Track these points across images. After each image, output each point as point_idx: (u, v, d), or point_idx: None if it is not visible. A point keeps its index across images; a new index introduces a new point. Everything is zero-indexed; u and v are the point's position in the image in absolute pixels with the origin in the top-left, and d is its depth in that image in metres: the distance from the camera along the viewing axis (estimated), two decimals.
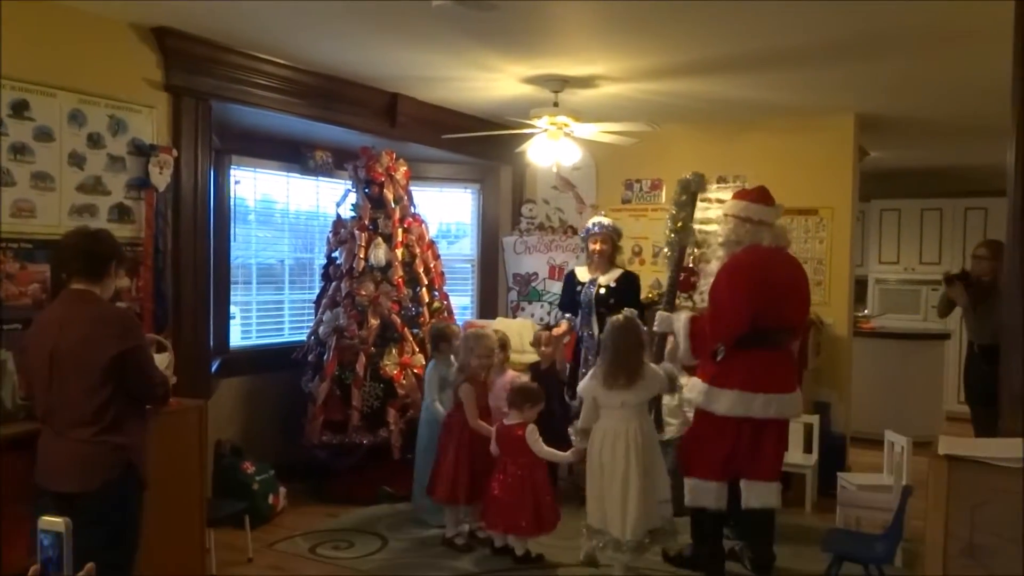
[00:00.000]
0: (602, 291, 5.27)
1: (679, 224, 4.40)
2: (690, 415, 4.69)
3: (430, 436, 4.77)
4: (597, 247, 5.35)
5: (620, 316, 4.13)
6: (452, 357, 4.80)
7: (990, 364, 5.23)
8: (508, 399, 4.39)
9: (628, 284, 5.34)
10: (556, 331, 5.34)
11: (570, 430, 4.25)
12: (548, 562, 4.30)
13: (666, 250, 4.58)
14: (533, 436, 4.21)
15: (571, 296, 5.44)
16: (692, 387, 4.20)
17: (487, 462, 4.36)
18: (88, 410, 2.81)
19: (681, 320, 4.18)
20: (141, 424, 2.98)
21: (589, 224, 5.51)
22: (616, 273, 5.36)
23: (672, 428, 4.83)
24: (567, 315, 5.39)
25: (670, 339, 4.35)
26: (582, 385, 4.15)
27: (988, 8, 3.38)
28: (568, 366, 5.38)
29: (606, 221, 5.47)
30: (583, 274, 5.44)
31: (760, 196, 4.30)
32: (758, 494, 4.07)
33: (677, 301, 4.63)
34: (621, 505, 3.86)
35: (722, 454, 4.10)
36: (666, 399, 4.77)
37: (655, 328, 4.27)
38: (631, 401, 3.94)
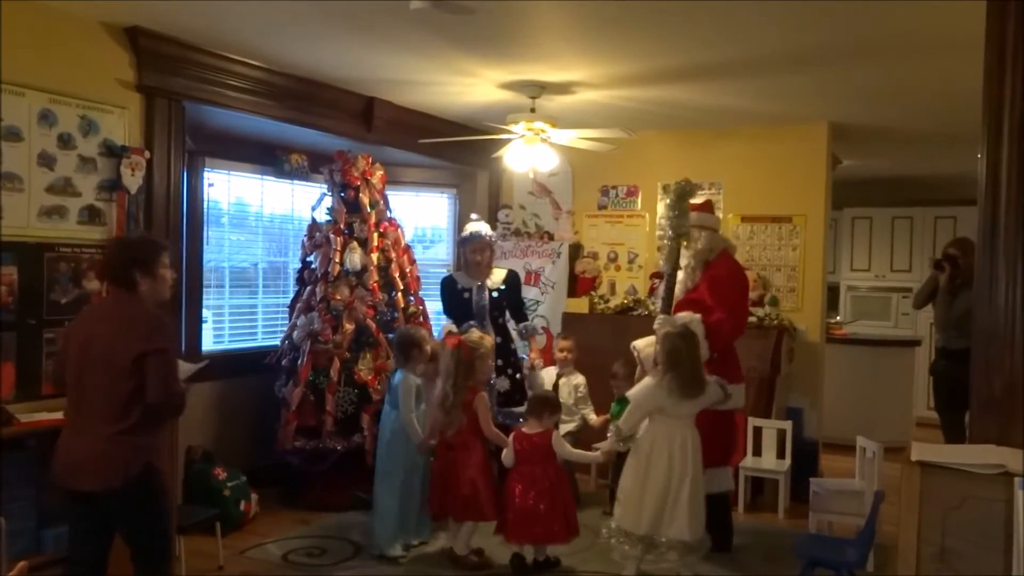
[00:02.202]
0: (494, 295, 5.13)
1: (683, 231, 4.47)
2: (586, 411, 5.29)
3: (403, 454, 4.39)
4: (483, 257, 5.11)
5: (679, 326, 4.02)
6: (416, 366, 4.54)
7: (954, 364, 5.32)
8: (528, 408, 4.31)
9: (516, 283, 5.29)
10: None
11: (609, 433, 4.17)
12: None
13: (661, 258, 4.69)
14: (560, 441, 4.20)
15: (458, 303, 5.12)
16: None
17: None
18: (111, 407, 2.83)
19: (697, 322, 4.23)
20: (160, 429, 3.01)
21: (476, 231, 5.17)
22: (501, 274, 5.23)
23: (569, 425, 5.17)
24: (472, 323, 4.95)
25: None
26: (641, 393, 3.98)
27: (960, 19, 3.43)
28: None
29: (485, 229, 5.22)
30: (463, 280, 5.17)
31: (713, 207, 4.80)
32: (721, 479, 4.45)
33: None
34: (690, 507, 3.84)
35: None
36: (562, 398, 5.14)
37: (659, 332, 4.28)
38: (693, 410, 3.94)
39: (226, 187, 5.50)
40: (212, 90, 4.55)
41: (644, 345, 4.75)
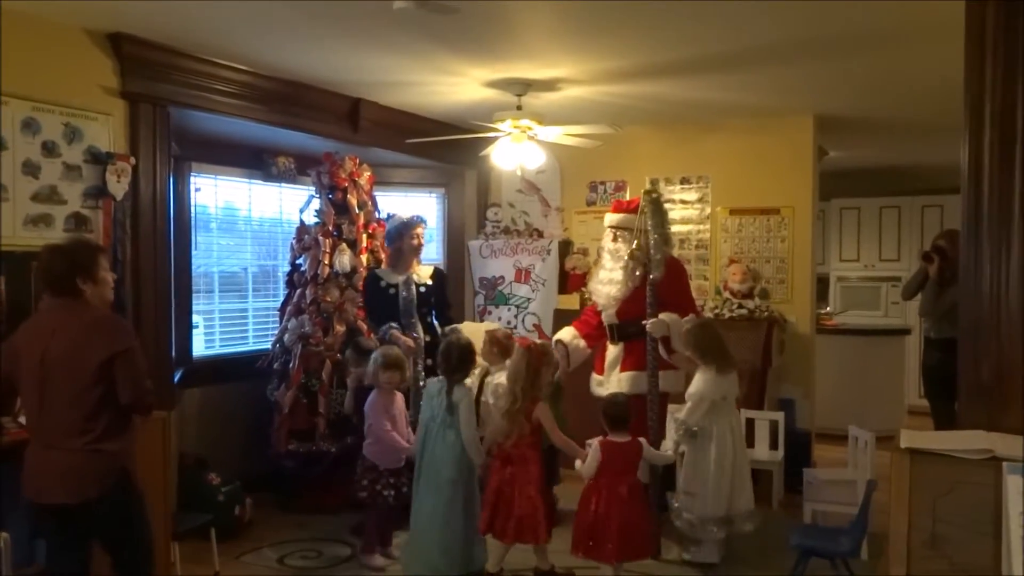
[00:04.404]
0: (422, 290, 4.92)
1: (667, 234, 4.57)
2: None
3: (465, 471, 4.00)
4: (421, 240, 4.98)
5: (692, 319, 4.32)
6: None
7: (945, 354, 5.35)
8: (612, 417, 3.91)
9: (443, 281, 5.12)
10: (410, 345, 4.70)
11: (675, 431, 4.20)
12: None
13: (631, 262, 4.65)
14: (650, 448, 4.03)
15: (382, 301, 4.85)
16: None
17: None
18: (79, 418, 2.80)
19: (679, 322, 4.43)
20: (130, 431, 2.97)
21: (412, 216, 5.02)
22: (428, 269, 5.05)
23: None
24: (392, 325, 4.75)
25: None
26: (707, 387, 4.14)
27: (942, 8, 3.45)
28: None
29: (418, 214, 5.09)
30: (389, 275, 4.92)
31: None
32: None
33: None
34: (749, 479, 4.26)
35: None
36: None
37: (654, 334, 4.40)
38: (736, 386, 4.29)
39: (213, 191, 5.49)
40: (197, 95, 4.53)
41: (572, 337, 4.78)
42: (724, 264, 6.20)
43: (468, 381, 4.18)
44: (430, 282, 5.01)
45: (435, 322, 5.07)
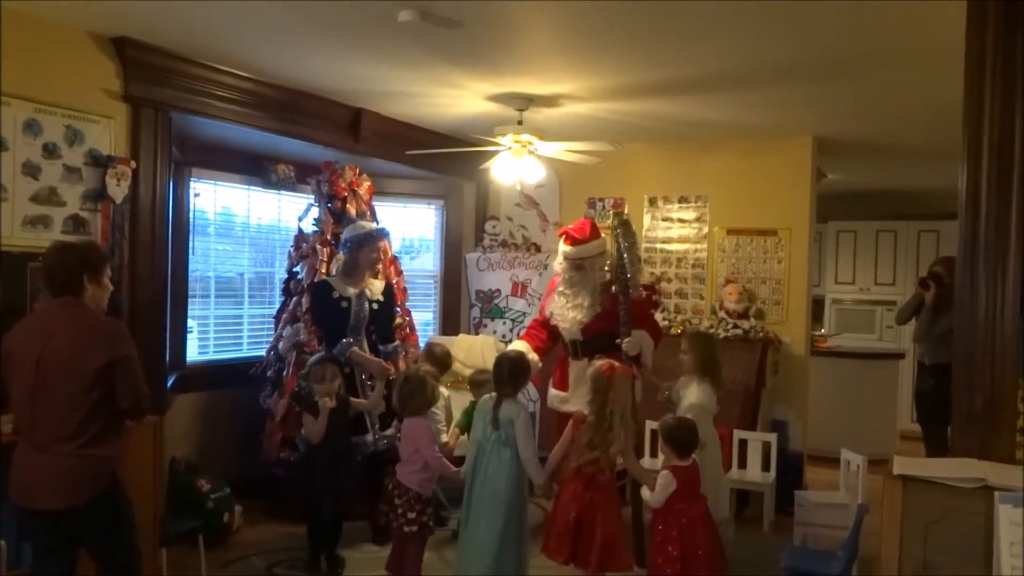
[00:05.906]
0: (374, 307, 4.73)
1: (639, 254, 4.64)
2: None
3: (520, 495, 3.75)
4: (379, 256, 4.88)
5: (701, 327, 4.48)
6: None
7: (937, 380, 5.36)
8: (685, 442, 3.67)
9: (392, 296, 4.98)
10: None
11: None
12: None
13: (599, 286, 4.63)
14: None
15: (333, 314, 4.62)
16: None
17: None
18: (72, 421, 2.78)
19: (648, 339, 4.52)
20: (121, 438, 2.97)
21: (377, 227, 4.92)
22: (381, 284, 4.87)
23: None
24: (350, 340, 4.58)
25: None
26: (705, 397, 4.22)
27: (942, 34, 3.48)
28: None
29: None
30: (341, 286, 4.68)
31: None
32: None
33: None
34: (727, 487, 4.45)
35: None
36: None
37: (630, 352, 4.39)
38: None
39: (212, 197, 5.49)
40: (199, 100, 4.54)
41: (527, 351, 4.63)
42: (720, 284, 6.22)
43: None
44: (382, 299, 4.83)
45: (382, 342, 4.88)
